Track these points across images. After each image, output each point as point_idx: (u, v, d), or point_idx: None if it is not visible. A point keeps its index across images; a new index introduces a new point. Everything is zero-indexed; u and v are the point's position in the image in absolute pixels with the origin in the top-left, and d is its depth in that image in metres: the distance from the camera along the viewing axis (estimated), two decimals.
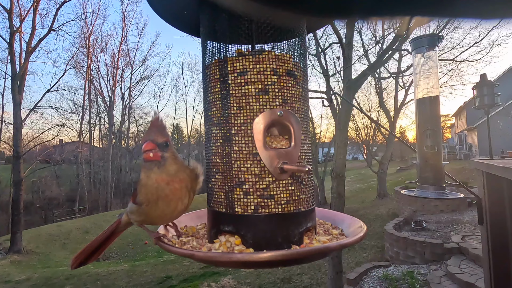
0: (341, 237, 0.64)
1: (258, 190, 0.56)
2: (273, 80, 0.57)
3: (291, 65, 0.60)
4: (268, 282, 6.57)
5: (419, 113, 1.66)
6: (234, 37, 0.59)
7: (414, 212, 8.53)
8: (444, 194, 1.57)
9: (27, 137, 16.47)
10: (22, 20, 13.36)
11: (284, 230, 0.56)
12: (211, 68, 0.61)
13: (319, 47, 9.65)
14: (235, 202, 0.56)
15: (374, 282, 5.26)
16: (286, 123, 0.58)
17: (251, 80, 0.56)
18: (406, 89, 14.21)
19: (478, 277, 4.45)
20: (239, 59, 0.57)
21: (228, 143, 0.57)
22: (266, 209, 0.55)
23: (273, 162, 0.56)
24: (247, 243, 0.54)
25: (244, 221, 0.56)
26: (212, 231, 0.59)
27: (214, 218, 0.60)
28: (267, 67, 0.57)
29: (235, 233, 0.56)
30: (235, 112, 0.57)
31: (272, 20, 0.57)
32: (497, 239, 1.85)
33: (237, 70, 0.57)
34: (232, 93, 0.57)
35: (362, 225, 0.63)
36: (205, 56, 0.64)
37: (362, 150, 19.87)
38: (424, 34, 1.69)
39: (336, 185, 5.56)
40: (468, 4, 0.22)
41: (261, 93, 0.56)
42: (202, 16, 0.63)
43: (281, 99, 0.57)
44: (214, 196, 0.60)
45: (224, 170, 0.58)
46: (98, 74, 25.71)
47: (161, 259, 10.23)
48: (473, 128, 19.62)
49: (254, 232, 0.55)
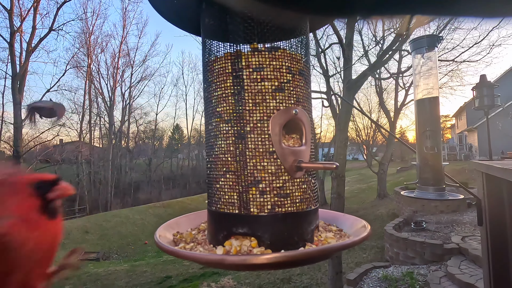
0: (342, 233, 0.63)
1: (275, 189, 0.54)
2: (288, 78, 0.57)
3: (302, 65, 0.60)
4: (268, 282, 6.57)
5: (419, 114, 1.66)
6: (235, 35, 0.59)
7: (414, 212, 8.53)
8: (444, 195, 1.56)
9: (27, 136, 16.47)
10: (22, 20, 13.39)
11: (299, 228, 0.55)
12: (219, 62, 0.58)
13: (319, 47, 9.65)
14: (250, 202, 0.54)
15: (374, 283, 5.26)
16: (299, 122, 0.57)
17: (268, 77, 0.55)
18: (406, 89, 14.22)
19: (478, 278, 4.44)
20: (255, 54, 0.56)
21: (242, 140, 0.55)
22: (282, 208, 0.54)
23: (289, 160, 0.55)
24: (265, 244, 0.52)
25: (260, 221, 0.54)
26: (220, 235, 0.56)
27: (223, 220, 0.57)
28: (282, 65, 0.56)
29: (250, 235, 0.53)
30: (250, 109, 0.55)
31: (274, 19, 0.56)
32: (497, 240, 1.85)
33: (253, 66, 0.55)
34: (247, 89, 0.55)
35: (365, 224, 0.62)
36: (205, 51, 0.63)
37: (362, 151, 19.88)
38: (424, 35, 1.69)
39: (336, 185, 5.56)
40: (468, 4, 0.22)
41: (277, 91, 0.55)
42: (203, 13, 0.62)
43: (295, 98, 0.57)
44: (224, 197, 0.57)
45: (237, 169, 0.55)
46: (98, 74, 25.77)
47: (161, 259, 10.23)
48: (473, 129, 19.63)
49: (271, 232, 0.53)
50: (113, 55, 26.58)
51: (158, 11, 0.64)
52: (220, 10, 0.59)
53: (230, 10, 0.57)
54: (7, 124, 16.40)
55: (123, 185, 26.09)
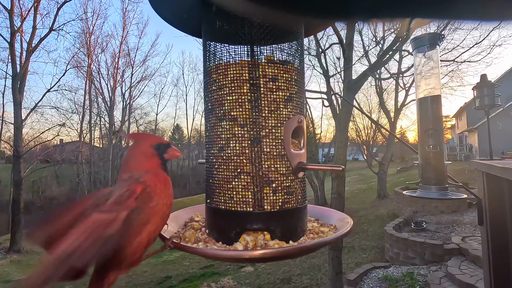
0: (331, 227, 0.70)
1: (284, 188, 0.61)
2: (295, 90, 0.63)
3: (302, 77, 0.66)
4: (268, 282, 6.57)
5: (421, 113, 1.65)
6: (235, 38, 0.60)
7: (414, 213, 8.52)
8: (446, 194, 1.56)
9: (28, 136, 16.47)
10: (23, 20, 13.38)
11: (300, 221, 0.63)
12: (234, 68, 0.61)
13: (320, 48, 9.65)
14: (264, 200, 0.60)
15: (374, 283, 5.25)
16: (301, 129, 0.64)
17: (281, 87, 0.61)
18: (407, 89, 14.21)
19: (478, 278, 4.44)
20: (270, 66, 0.61)
21: (258, 144, 0.60)
22: (289, 205, 0.61)
23: (294, 162, 0.62)
24: (277, 237, 0.59)
25: (272, 217, 0.60)
26: (233, 232, 0.60)
27: (236, 218, 0.61)
28: (292, 78, 0.63)
29: (264, 229, 0.59)
30: (266, 115, 0.60)
31: (274, 22, 0.57)
32: (497, 240, 1.84)
33: (269, 76, 0.61)
34: (263, 97, 0.60)
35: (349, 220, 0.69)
36: (206, 55, 0.64)
37: (362, 151, 19.85)
38: (425, 33, 1.68)
39: (336, 185, 5.56)
40: (468, 6, 0.22)
41: (288, 101, 0.62)
42: (204, 17, 0.64)
43: (300, 107, 0.64)
44: (237, 196, 0.61)
45: (252, 170, 0.60)
46: (98, 74, 25.73)
47: (161, 259, 10.23)
48: (473, 129, 19.62)
49: (282, 226, 0.60)
50: (113, 55, 26.53)
51: (161, 16, 0.64)
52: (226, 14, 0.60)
53: (234, 14, 0.58)
54: (7, 124, 16.41)
55: None
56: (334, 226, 0.70)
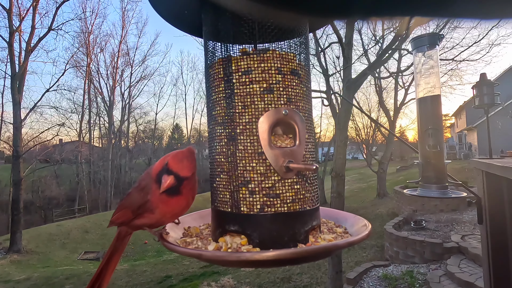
0: (346, 235, 0.63)
1: (264, 189, 0.55)
2: (278, 79, 0.57)
3: (295, 64, 0.60)
4: (268, 281, 6.58)
5: (421, 112, 1.66)
6: (236, 36, 0.59)
7: (414, 211, 8.54)
8: (447, 193, 1.56)
9: (27, 136, 16.46)
10: (21, 20, 13.36)
11: (290, 229, 0.56)
12: (214, 67, 0.60)
13: (319, 47, 9.64)
14: (240, 202, 0.56)
15: (373, 282, 5.27)
16: (291, 122, 0.57)
17: (256, 79, 0.56)
18: (406, 88, 14.24)
19: (477, 277, 4.46)
20: (244, 58, 0.57)
21: (233, 142, 0.57)
22: (272, 208, 0.55)
23: (278, 161, 0.56)
24: (253, 243, 0.54)
25: (250, 220, 0.55)
26: (217, 231, 0.59)
27: (219, 218, 0.60)
28: (271, 66, 0.57)
29: (241, 232, 0.56)
30: (240, 111, 0.56)
31: (274, 20, 0.56)
32: (497, 239, 1.85)
33: (242, 69, 0.57)
34: (237, 92, 0.57)
35: (366, 223, 0.63)
36: (207, 55, 0.64)
37: (362, 150, 19.88)
38: (425, 33, 1.68)
39: (336, 184, 5.57)
40: (467, 4, 0.22)
41: (266, 92, 0.56)
42: (204, 16, 0.63)
43: (286, 98, 0.57)
44: (219, 195, 0.59)
45: (229, 170, 0.57)
46: (97, 73, 25.74)
47: (161, 259, 10.25)
48: (472, 128, 19.64)
49: (260, 231, 0.55)
50: (112, 54, 26.56)
51: (159, 13, 0.64)
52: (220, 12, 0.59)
53: (231, 12, 0.57)
54: (6, 124, 16.40)
55: (123, 185, 26.05)
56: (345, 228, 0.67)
